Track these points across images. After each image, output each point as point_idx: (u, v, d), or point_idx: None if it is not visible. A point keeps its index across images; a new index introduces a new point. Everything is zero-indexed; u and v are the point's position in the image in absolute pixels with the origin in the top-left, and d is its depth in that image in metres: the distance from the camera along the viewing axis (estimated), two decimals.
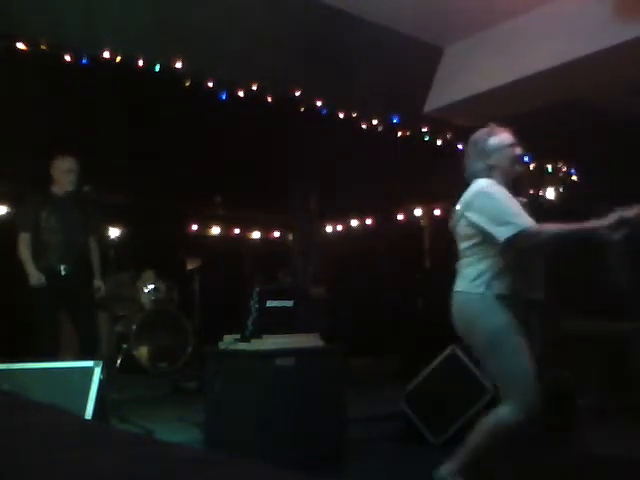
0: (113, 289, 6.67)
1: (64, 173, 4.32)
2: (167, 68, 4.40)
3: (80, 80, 4.39)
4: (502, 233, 2.46)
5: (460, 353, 4.27)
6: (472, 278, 2.62)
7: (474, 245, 2.62)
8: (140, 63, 4.34)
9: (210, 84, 4.69)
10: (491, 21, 4.89)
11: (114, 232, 7.53)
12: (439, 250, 8.31)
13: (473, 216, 2.57)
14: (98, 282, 4.48)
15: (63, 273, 4.22)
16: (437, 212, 8.66)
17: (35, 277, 4.15)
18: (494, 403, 4.09)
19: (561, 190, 6.84)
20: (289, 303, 3.80)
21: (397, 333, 7.38)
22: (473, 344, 2.71)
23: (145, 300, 7.19)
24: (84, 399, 3.01)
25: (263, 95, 4.91)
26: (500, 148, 2.70)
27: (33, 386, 3.01)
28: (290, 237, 8.69)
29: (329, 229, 9.71)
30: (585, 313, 5.11)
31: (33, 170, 5.59)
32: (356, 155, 5.85)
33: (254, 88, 4.82)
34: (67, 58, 4.16)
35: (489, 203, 2.54)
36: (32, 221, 4.23)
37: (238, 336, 3.58)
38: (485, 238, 2.56)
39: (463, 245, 2.68)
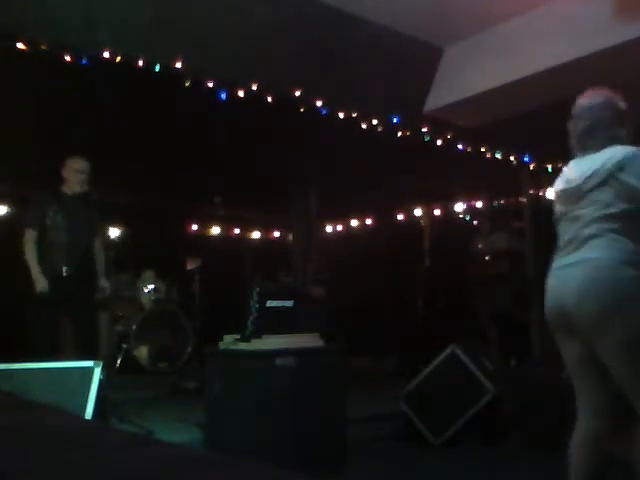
0: (113, 289, 6.67)
1: (75, 173, 4.32)
2: (167, 68, 4.40)
3: (80, 80, 4.39)
4: None
5: (460, 353, 4.27)
6: (626, 250, 2.18)
7: (625, 213, 2.22)
8: (140, 63, 4.33)
9: (210, 84, 4.69)
10: (491, 21, 4.88)
11: (114, 232, 7.53)
12: (439, 250, 8.32)
13: (633, 179, 2.21)
14: (104, 283, 4.47)
15: (65, 274, 4.21)
16: (437, 212, 8.67)
17: (41, 284, 4.12)
18: (494, 403, 4.11)
19: None
20: (289, 303, 3.80)
21: (397, 333, 7.38)
22: (610, 337, 2.16)
23: (145, 300, 7.19)
24: (84, 399, 3.02)
25: (263, 95, 4.91)
26: (629, 118, 2.44)
27: (33, 386, 3.01)
28: (290, 237, 8.70)
29: (329, 229, 9.72)
30: None
31: (33, 170, 5.60)
32: (356, 155, 5.84)
33: (254, 88, 4.82)
34: (67, 58, 4.15)
35: None
36: (39, 219, 4.23)
37: (238, 336, 3.59)
38: None
39: (602, 212, 2.24)
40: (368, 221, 9.43)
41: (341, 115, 5.37)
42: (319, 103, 5.17)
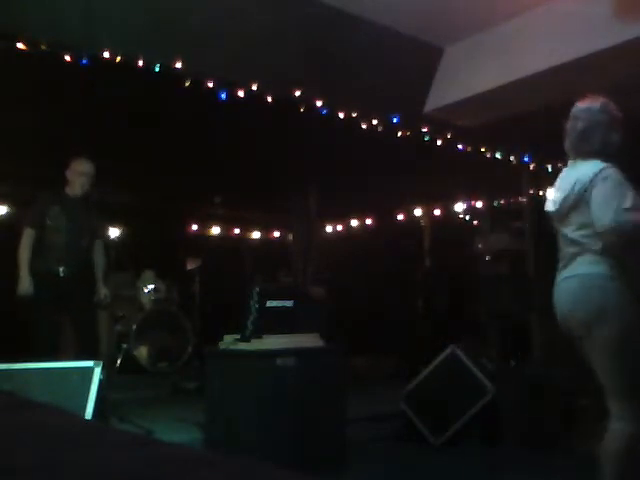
0: (113, 289, 6.67)
1: (78, 176, 4.32)
2: (167, 68, 4.40)
3: (80, 80, 4.39)
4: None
5: (460, 353, 4.27)
6: (606, 264, 2.40)
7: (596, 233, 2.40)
8: (140, 63, 4.33)
9: (210, 84, 4.69)
10: (491, 21, 4.88)
11: (114, 232, 7.53)
12: (439, 250, 8.33)
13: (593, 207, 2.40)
14: (102, 288, 4.46)
15: (62, 275, 4.21)
16: (437, 212, 8.67)
17: (24, 286, 4.11)
18: (494, 403, 4.11)
19: None
20: (289, 303, 3.80)
21: (397, 333, 7.38)
22: (595, 337, 2.40)
23: (145, 300, 7.19)
24: (84, 399, 3.02)
25: (263, 95, 4.91)
26: (622, 125, 2.57)
27: (33, 386, 3.01)
28: (290, 237, 8.70)
29: (329, 229, 9.71)
30: None
31: (33, 170, 5.60)
32: (356, 155, 5.84)
33: (254, 88, 4.82)
34: (67, 58, 4.15)
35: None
36: (40, 218, 4.23)
37: (238, 336, 3.59)
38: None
39: (579, 233, 2.46)
40: (368, 221, 9.43)
41: (341, 115, 5.37)
42: (319, 103, 5.17)
